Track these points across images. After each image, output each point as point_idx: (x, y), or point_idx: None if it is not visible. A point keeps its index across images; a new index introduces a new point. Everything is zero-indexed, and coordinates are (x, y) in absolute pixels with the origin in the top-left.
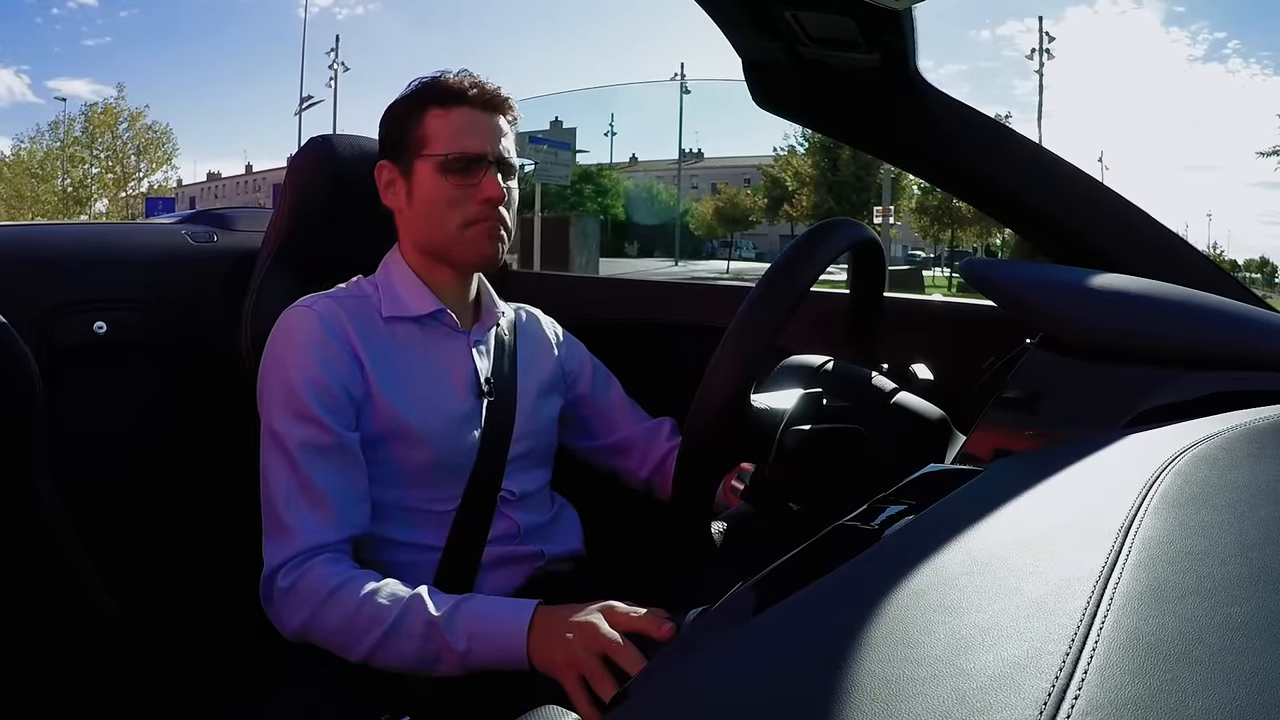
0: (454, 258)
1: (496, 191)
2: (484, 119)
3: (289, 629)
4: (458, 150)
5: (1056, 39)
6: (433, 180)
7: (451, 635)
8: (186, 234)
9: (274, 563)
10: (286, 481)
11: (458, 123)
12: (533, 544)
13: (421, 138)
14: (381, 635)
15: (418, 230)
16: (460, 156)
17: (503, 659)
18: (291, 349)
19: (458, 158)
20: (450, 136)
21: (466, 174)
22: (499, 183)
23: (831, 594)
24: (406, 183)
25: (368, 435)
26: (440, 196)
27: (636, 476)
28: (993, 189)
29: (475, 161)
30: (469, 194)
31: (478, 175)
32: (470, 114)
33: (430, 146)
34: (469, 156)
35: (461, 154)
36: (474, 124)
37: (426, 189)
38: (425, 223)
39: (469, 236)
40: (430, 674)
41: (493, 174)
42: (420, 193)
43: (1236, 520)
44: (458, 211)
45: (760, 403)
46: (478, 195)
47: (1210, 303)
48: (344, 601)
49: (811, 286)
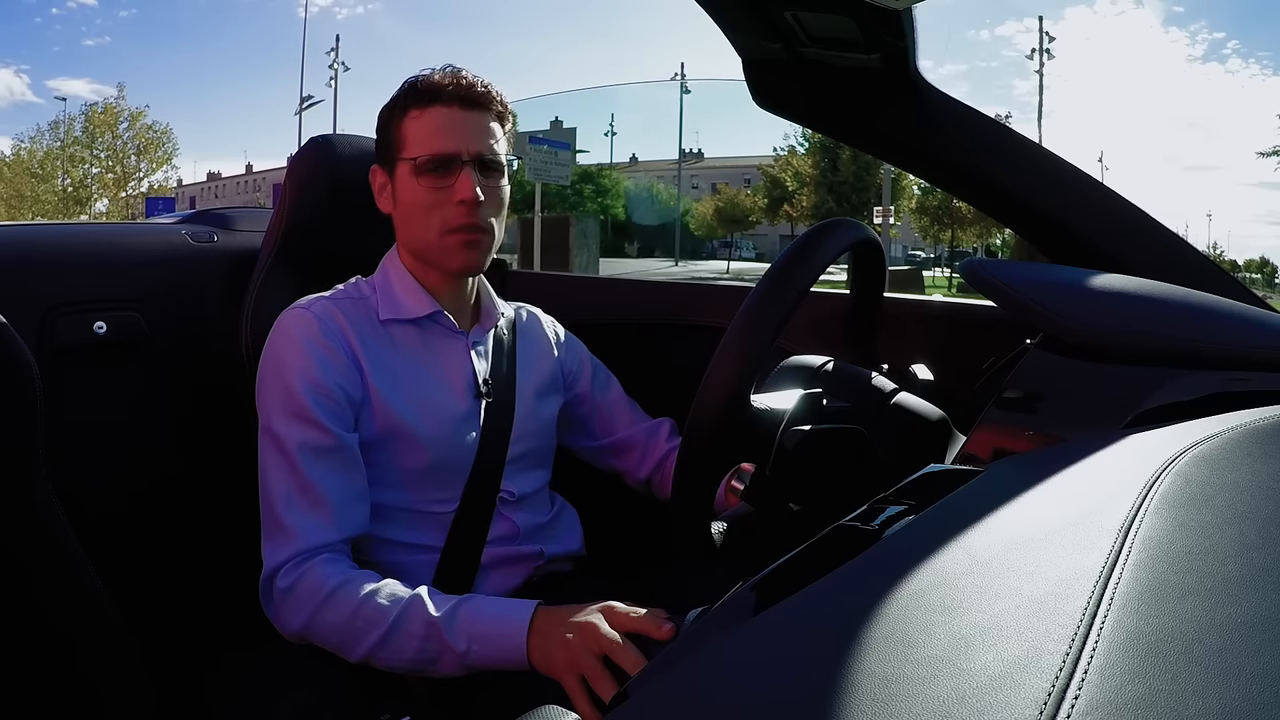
0: (437, 263)
1: (469, 193)
2: (461, 116)
3: (288, 629)
4: (428, 152)
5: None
6: (410, 184)
7: (451, 636)
8: (186, 234)
9: (273, 564)
10: (285, 482)
11: (433, 123)
12: (532, 544)
13: (401, 140)
14: (381, 636)
15: (404, 234)
16: (431, 158)
17: (502, 659)
18: (290, 350)
19: (428, 159)
20: (425, 138)
21: (441, 175)
22: (473, 183)
23: (831, 594)
24: (393, 187)
25: (366, 437)
26: (418, 200)
27: (636, 476)
28: (993, 189)
29: (448, 162)
30: (445, 196)
31: (453, 176)
32: (446, 113)
33: (407, 149)
34: (440, 157)
35: (432, 155)
36: (449, 123)
37: (406, 193)
38: (408, 228)
39: (448, 244)
40: (430, 675)
41: (468, 174)
42: (401, 197)
43: (1236, 520)
44: (436, 215)
45: (760, 403)
46: (453, 197)
47: (1210, 303)
48: (343, 602)
49: (811, 287)
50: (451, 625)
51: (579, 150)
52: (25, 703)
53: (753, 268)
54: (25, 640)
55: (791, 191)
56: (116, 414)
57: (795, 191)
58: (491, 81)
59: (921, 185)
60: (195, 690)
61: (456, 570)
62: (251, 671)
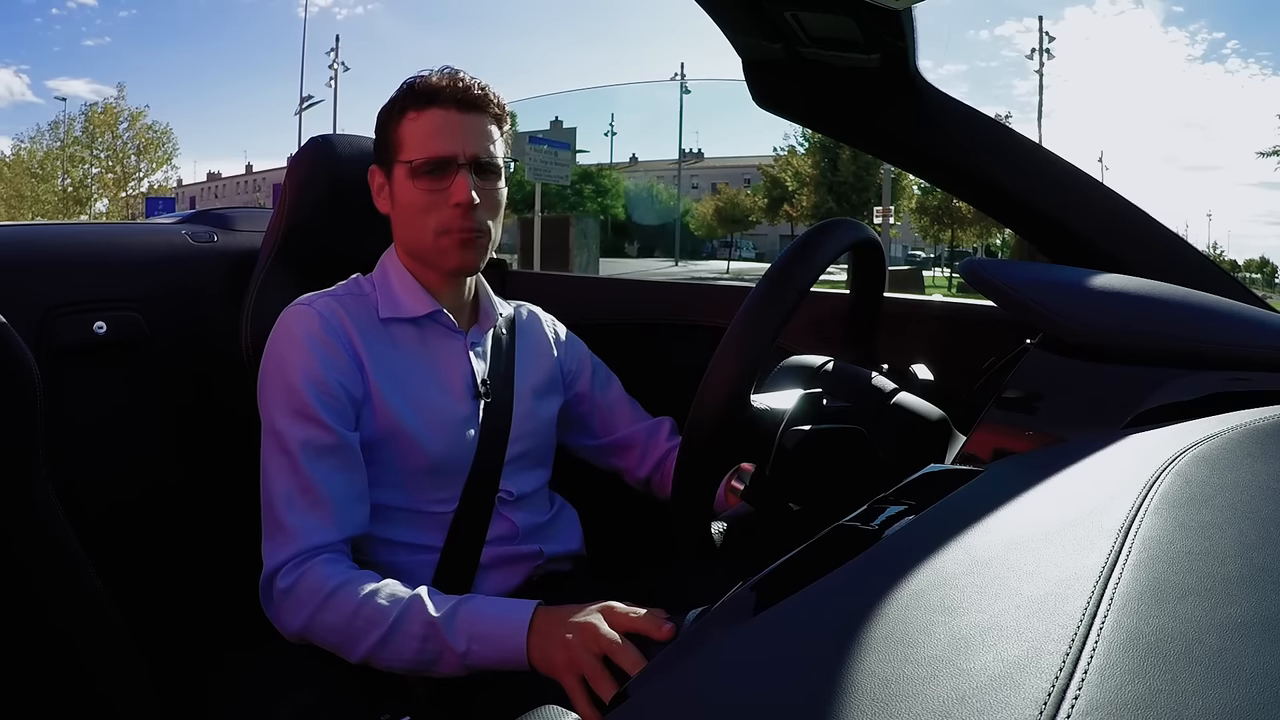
0: (434, 264)
1: (464, 196)
2: (458, 119)
3: (288, 630)
4: (423, 155)
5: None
6: (407, 186)
7: (451, 636)
8: (186, 234)
9: (273, 564)
10: (286, 481)
11: (429, 125)
12: (532, 544)
13: (398, 142)
14: (381, 636)
15: (401, 235)
16: (427, 160)
17: (503, 659)
18: (292, 348)
19: (424, 162)
20: (421, 140)
21: (437, 178)
22: (468, 186)
23: (831, 594)
24: (390, 188)
25: (366, 437)
26: (415, 202)
27: (636, 475)
28: (993, 189)
29: (444, 164)
30: (442, 198)
31: (449, 179)
32: (443, 115)
33: (404, 151)
34: (436, 160)
35: (428, 158)
36: (446, 125)
37: (403, 195)
38: (406, 229)
39: (443, 245)
40: (430, 675)
41: (464, 176)
42: (398, 199)
43: (1236, 520)
44: (432, 217)
45: (760, 403)
46: (449, 200)
47: (1210, 303)
48: (343, 602)
49: (811, 287)
50: (451, 625)
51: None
52: (28, 704)
53: (752, 268)
54: (26, 640)
55: (791, 192)
56: (116, 414)
57: (795, 191)
58: (489, 83)
59: (922, 185)
60: (197, 690)
61: (456, 570)
62: (252, 671)
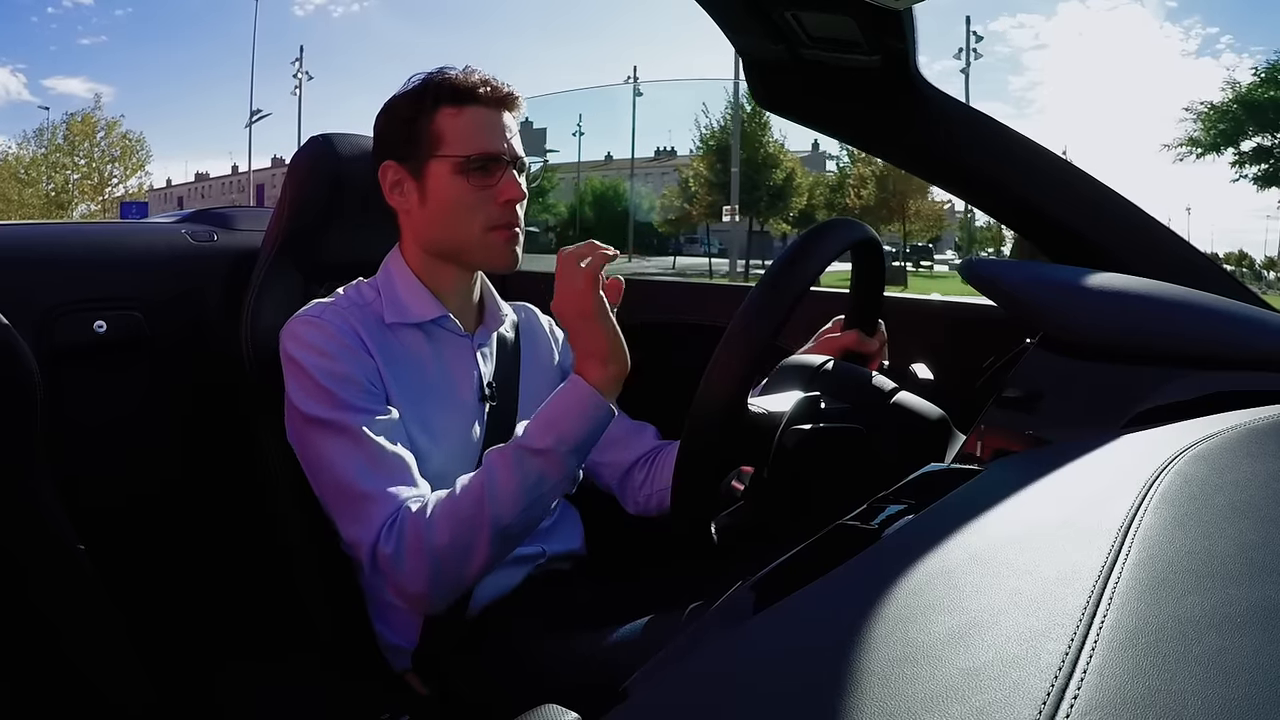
0: (472, 260)
1: (518, 192)
2: (496, 117)
3: (414, 588)
4: (477, 150)
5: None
6: (450, 182)
7: (534, 441)
8: (187, 233)
9: (370, 536)
10: (355, 456)
11: (473, 122)
12: (533, 544)
13: (435, 137)
14: (488, 501)
15: (432, 233)
16: (478, 156)
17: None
18: (312, 354)
19: (476, 157)
20: (467, 136)
21: (485, 174)
22: (519, 182)
23: (831, 593)
24: (418, 184)
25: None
26: (461, 199)
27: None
28: (993, 189)
29: (494, 161)
30: (489, 195)
31: (497, 176)
32: (484, 112)
33: (446, 147)
34: (486, 156)
35: (480, 154)
36: (490, 123)
37: (444, 191)
38: (442, 226)
39: (491, 241)
40: (548, 501)
41: (512, 174)
42: (436, 195)
43: (1236, 519)
44: (479, 214)
45: (759, 403)
46: (499, 196)
47: (1210, 303)
48: (440, 516)
49: (811, 286)
50: (529, 437)
51: (550, 150)
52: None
53: (695, 263)
54: (26, 640)
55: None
56: (117, 413)
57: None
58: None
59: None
60: (203, 690)
61: None
62: (253, 672)
